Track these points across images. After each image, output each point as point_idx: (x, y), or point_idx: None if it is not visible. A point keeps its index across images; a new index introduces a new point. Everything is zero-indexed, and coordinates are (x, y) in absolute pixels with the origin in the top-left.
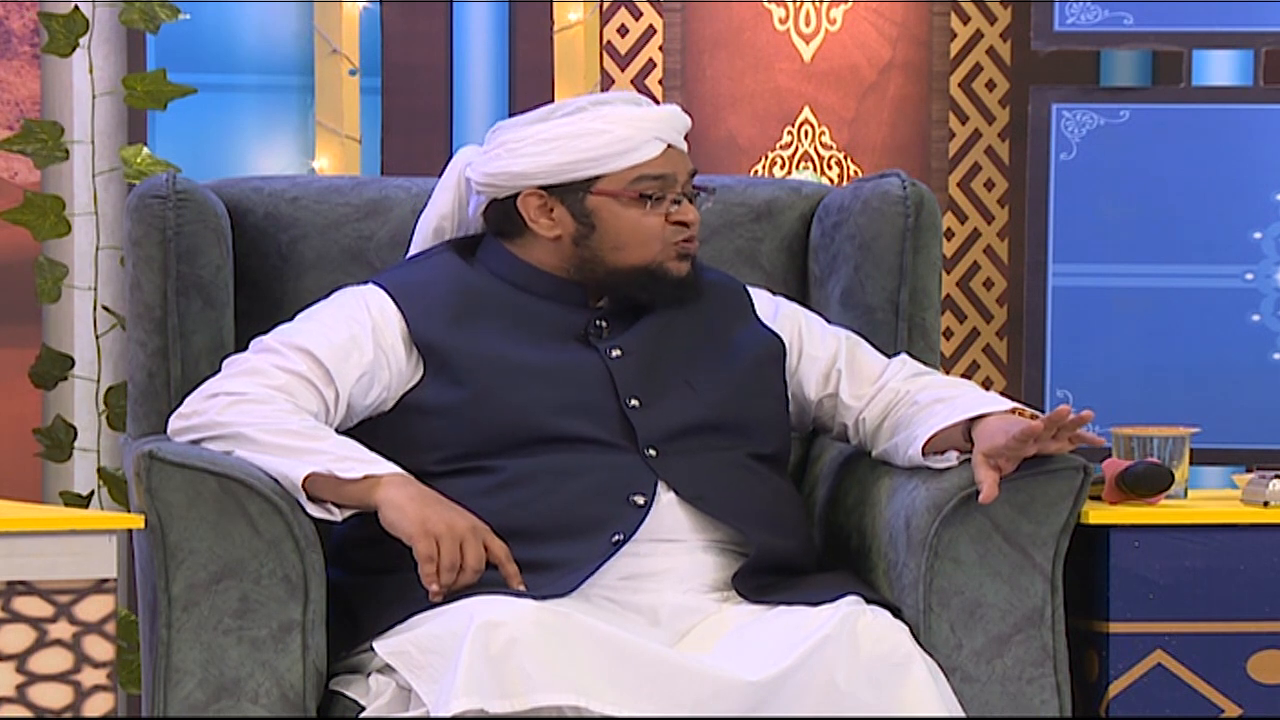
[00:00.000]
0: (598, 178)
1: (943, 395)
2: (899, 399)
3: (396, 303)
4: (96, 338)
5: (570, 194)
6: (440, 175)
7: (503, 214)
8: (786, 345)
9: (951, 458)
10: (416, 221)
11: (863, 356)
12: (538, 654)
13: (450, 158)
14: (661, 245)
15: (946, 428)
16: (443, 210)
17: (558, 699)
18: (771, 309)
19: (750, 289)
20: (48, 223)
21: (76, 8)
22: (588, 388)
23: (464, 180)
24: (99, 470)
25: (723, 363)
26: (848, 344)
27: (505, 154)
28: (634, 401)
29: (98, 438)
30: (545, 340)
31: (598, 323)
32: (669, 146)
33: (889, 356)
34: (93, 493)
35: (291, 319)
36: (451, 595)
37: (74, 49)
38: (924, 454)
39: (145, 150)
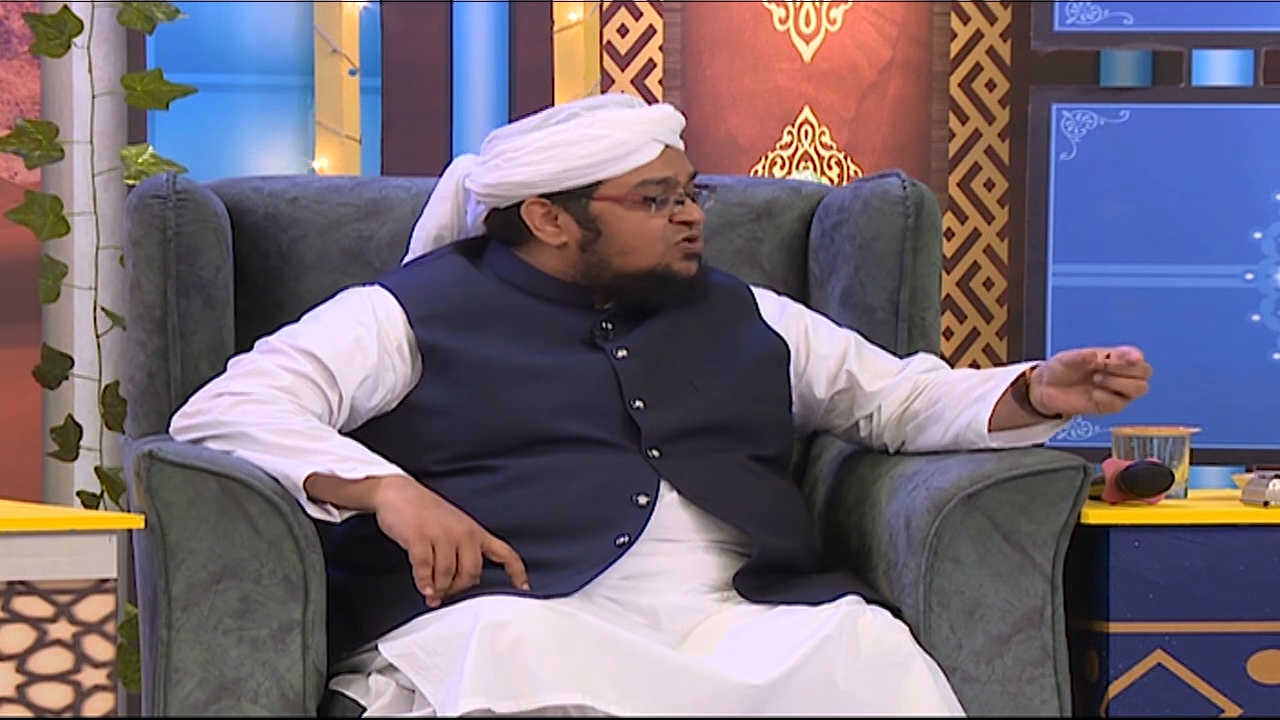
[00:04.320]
0: (599, 183)
1: (976, 375)
2: (923, 387)
3: (402, 304)
4: (97, 337)
5: (573, 201)
6: (438, 181)
7: (506, 223)
8: (792, 347)
9: (1003, 438)
10: (413, 228)
11: (871, 354)
12: (543, 653)
13: (450, 159)
14: (665, 247)
15: (1004, 394)
16: (442, 220)
17: (563, 699)
18: (777, 309)
19: (755, 290)
20: (49, 222)
21: (66, 7)
22: (592, 389)
23: (462, 189)
24: (95, 469)
25: (727, 364)
26: (855, 344)
27: (504, 164)
28: (639, 403)
29: (100, 437)
30: (551, 343)
31: (603, 324)
32: (667, 147)
33: (903, 358)
34: (104, 492)
35: (294, 320)
36: (448, 600)
37: (68, 49)
38: (990, 428)
39: (150, 149)
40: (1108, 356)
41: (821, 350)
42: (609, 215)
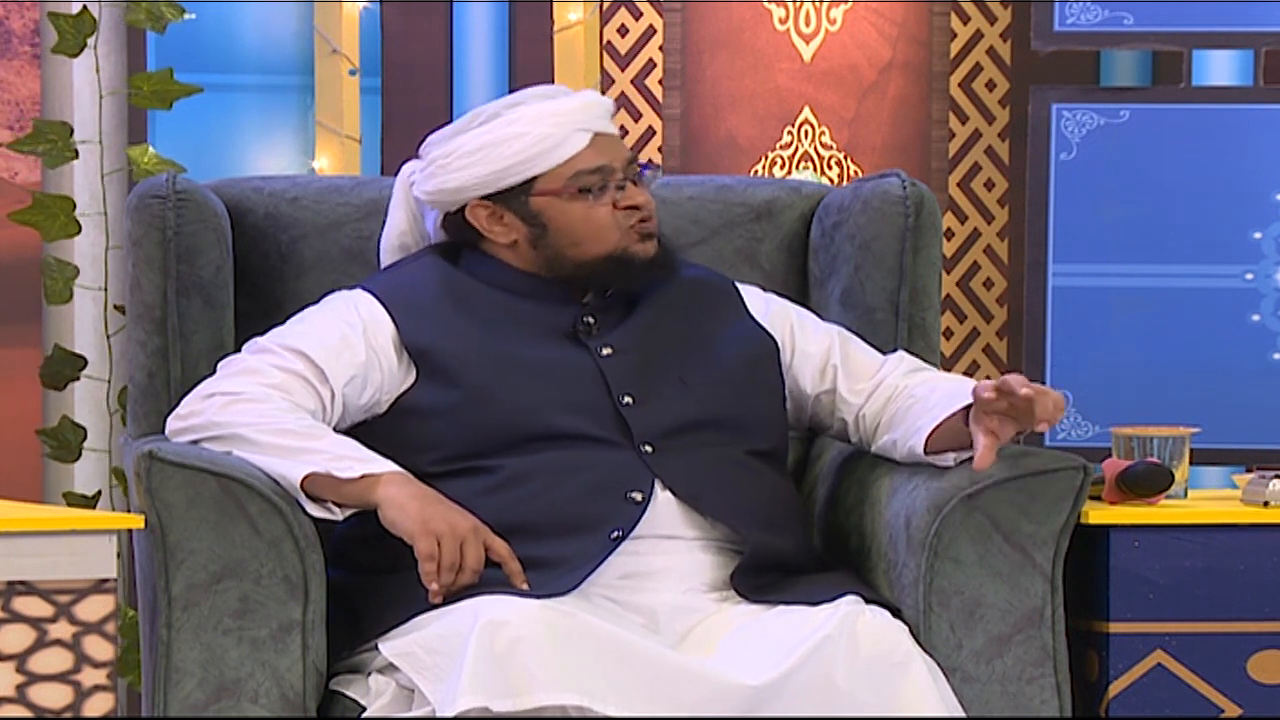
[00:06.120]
0: (534, 179)
1: (940, 388)
2: (897, 394)
3: (386, 307)
4: (108, 337)
5: (513, 199)
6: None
7: (459, 225)
8: (779, 342)
9: (950, 459)
10: (379, 240)
11: (856, 352)
12: (542, 653)
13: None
14: (619, 233)
15: (947, 418)
16: (400, 228)
17: (561, 699)
18: (763, 305)
19: (740, 285)
20: (57, 223)
21: (85, 8)
22: (581, 385)
23: (412, 196)
24: (112, 470)
25: (715, 359)
26: (840, 339)
27: (439, 170)
28: (627, 399)
29: (109, 437)
30: (535, 338)
31: (586, 319)
32: (597, 135)
33: (885, 354)
34: (99, 493)
35: (288, 321)
36: (451, 595)
37: (82, 49)
38: (926, 450)
39: (150, 150)
40: (990, 391)
41: (807, 347)
42: (550, 210)
